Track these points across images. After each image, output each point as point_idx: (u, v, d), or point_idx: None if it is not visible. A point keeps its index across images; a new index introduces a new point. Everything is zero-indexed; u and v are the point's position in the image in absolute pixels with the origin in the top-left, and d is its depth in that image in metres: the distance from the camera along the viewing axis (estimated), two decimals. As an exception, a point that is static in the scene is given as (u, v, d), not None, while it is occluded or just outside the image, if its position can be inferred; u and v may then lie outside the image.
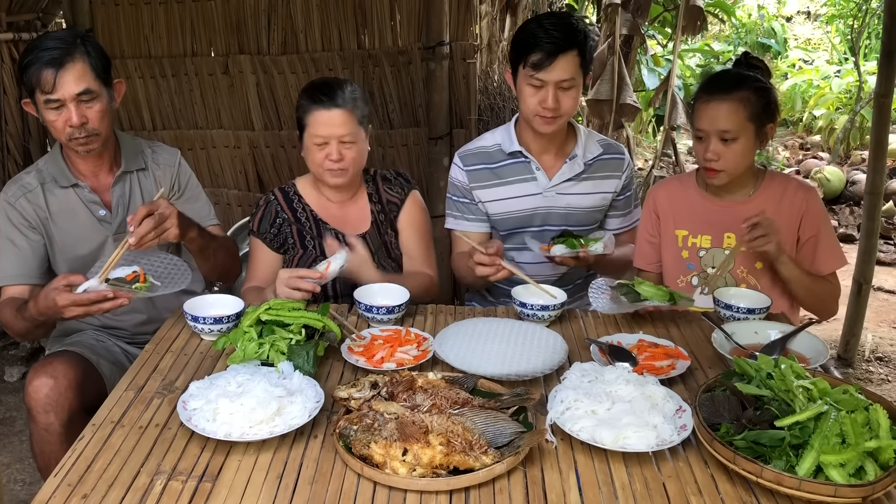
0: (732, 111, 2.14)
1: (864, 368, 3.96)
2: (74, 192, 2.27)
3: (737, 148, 2.16)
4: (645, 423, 1.49)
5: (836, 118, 8.10)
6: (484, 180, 2.46)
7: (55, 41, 2.09)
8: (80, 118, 2.10)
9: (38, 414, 2.02)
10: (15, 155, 4.06)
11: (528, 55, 2.24)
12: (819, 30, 10.90)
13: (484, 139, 2.53)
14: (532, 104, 2.29)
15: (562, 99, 2.28)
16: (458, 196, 2.51)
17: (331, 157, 2.23)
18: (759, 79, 2.19)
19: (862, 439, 1.35)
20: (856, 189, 6.44)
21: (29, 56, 2.09)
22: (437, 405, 1.55)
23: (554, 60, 2.22)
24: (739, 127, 2.14)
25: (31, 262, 2.24)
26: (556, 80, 2.24)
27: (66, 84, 2.07)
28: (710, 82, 2.23)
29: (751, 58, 2.29)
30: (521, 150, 2.43)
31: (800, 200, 2.26)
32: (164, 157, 2.42)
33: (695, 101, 2.25)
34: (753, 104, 2.15)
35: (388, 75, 3.99)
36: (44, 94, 2.08)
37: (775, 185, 2.29)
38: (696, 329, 2.06)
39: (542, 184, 2.44)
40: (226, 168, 4.29)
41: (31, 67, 2.08)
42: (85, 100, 2.10)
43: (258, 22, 4.03)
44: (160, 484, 1.41)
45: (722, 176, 2.21)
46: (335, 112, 2.22)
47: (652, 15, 5.35)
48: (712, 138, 2.17)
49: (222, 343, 1.84)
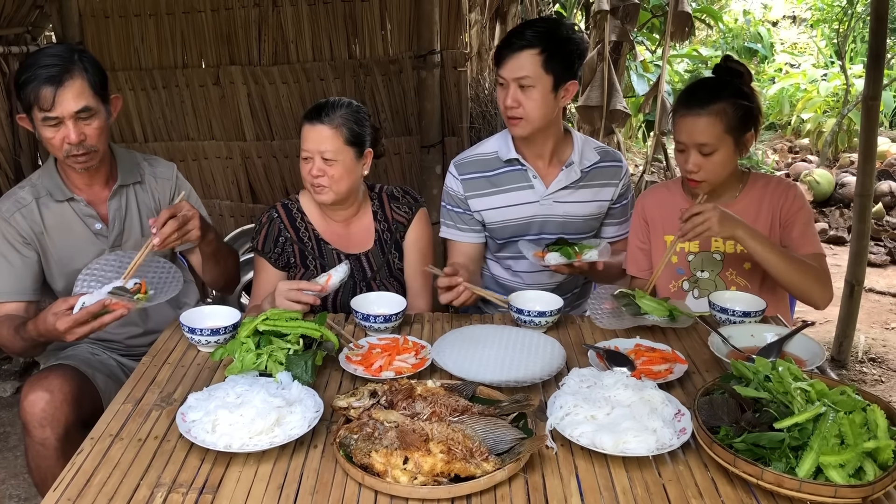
0: (710, 125, 2.14)
1: (857, 370, 3.98)
2: (70, 206, 2.26)
3: (716, 159, 2.17)
4: (644, 427, 1.49)
5: (823, 121, 8.17)
6: (479, 189, 2.46)
7: (53, 58, 2.08)
8: (79, 136, 2.09)
9: (34, 428, 2.00)
10: (6, 169, 4.04)
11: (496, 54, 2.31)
12: (804, 34, 11.00)
13: (480, 147, 2.53)
14: (500, 104, 2.34)
15: (521, 99, 2.28)
16: (452, 205, 2.51)
17: (311, 172, 2.24)
18: (738, 88, 2.18)
19: (861, 440, 1.36)
20: (845, 191, 6.48)
21: (27, 73, 2.07)
22: (436, 413, 1.55)
23: (510, 56, 2.26)
24: (717, 140, 2.15)
25: (26, 279, 2.22)
26: (512, 77, 2.27)
27: (64, 102, 2.06)
28: (687, 95, 2.22)
29: (731, 62, 2.28)
30: (518, 158, 2.43)
31: (779, 195, 2.27)
32: (162, 171, 2.42)
33: (673, 114, 2.26)
34: (730, 116, 2.14)
35: (380, 84, 4.01)
36: (42, 112, 2.06)
37: (758, 186, 2.30)
38: (693, 333, 2.07)
39: (539, 192, 2.45)
40: (218, 179, 4.29)
41: (30, 85, 2.06)
42: (83, 117, 2.10)
43: (249, 33, 4.04)
44: (161, 496, 1.40)
45: (704, 185, 2.22)
46: (319, 128, 2.23)
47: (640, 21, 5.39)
48: (692, 150, 2.18)
49: (220, 354, 1.84)
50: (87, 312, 1.85)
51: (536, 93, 2.27)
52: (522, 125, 2.32)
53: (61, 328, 1.86)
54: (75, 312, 1.85)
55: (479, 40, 4.77)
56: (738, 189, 2.31)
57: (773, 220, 2.27)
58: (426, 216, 2.46)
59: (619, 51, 4.71)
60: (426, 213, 2.46)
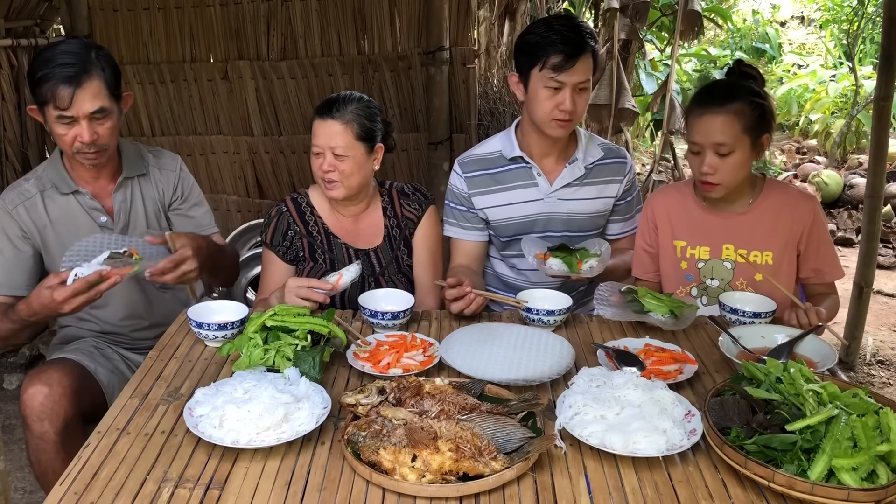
0: (727, 124, 2.11)
1: (865, 372, 3.96)
2: (75, 199, 2.25)
3: (733, 161, 2.13)
4: (654, 427, 1.48)
5: (832, 122, 8.14)
6: (483, 186, 2.45)
7: (70, 55, 2.06)
8: (92, 136, 2.09)
9: (33, 422, 2.00)
10: (13, 161, 4.05)
11: (546, 57, 2.23)
12: (813, 34, 10.95)
13: (484, 146, 2.51)
14: (548, 107, 2.27)
15: (577, 101, 2.27)
16: (455, 203, 2.50)
17: (322, 168, 2.24)
18: (754, 89, 2.16)
19: (873, 443, 1.34)
20: (853, 193, 6.46)
21: (43, 69, 2.05)
22: (445, 411, 1.54)
23: (575, 62, 2.21)
24: (735, 140, 2.11)
25: (16, 273, 2.20)
26: (575, 82, 2.23)
27: (81, 103, 2.04)
28: (703, 94, 2.20)
29: (744, 66, 2.25)
30: (522, 156, 2.42)
31: (802, 212, 2.23)
32: (166, 162, 2.41)
33: (688, 114, 2.22)
34: (748, 116, 2.11)
35: (388, 80, 4.00)
36: (57, 110, 2.05)
37: (774, 194, 2.26)
38: (703, 333, 2.06)
39: (543, 189, 2.43)
40: (225, 174, 4.29)
41: (47, 82, 2.03)
42: (98, 117, 2.09)
43: (257, 28, 4.03)
44: (167, 491, 1.39)
45: (719, 189, 2.18)
46: (329, 123, 2.22)
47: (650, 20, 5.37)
48: (708, 152, 2.14)
49: (227, 349, 1.83)
50: (84, 282, 1.84)
51: (588, 93, 2.31)
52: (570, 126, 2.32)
53: (59, 298, 1.84)
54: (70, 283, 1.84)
55: (487, 37, 4.76)
56: (752, 196, 2.26)
57: (790, 235, 2.23)
58: (436, 213, 2.45)
59: (629, 49, 4.70)
60: (436, 210, 2.45)
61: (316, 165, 2.26)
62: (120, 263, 1.90)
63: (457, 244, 2.52)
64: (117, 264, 1.90)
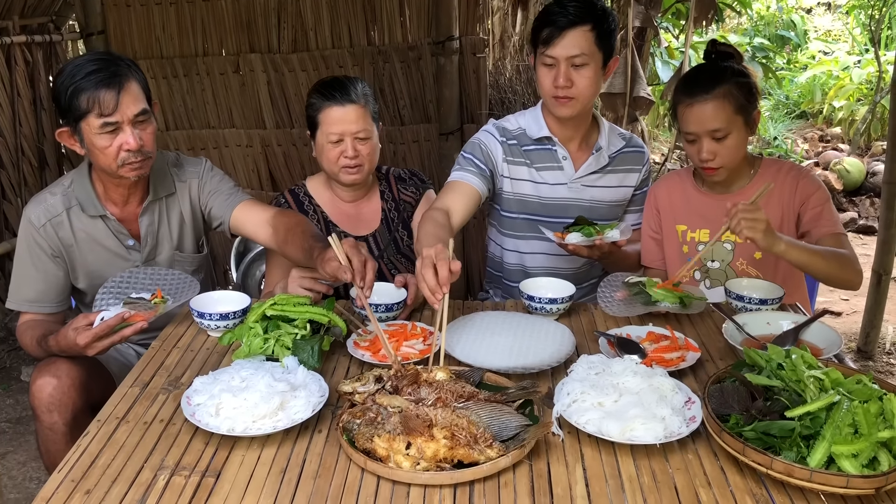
0: (719, 109, 2.10)
1: (884, 361, 3.89)
2: (102, 221, 2.22)
3: (730, 143, 2.13)
4: (653, 415, 1.46)
5: (856, 109, 7.99)
6: (518, 157, 2.39)
7: (100, 63, 2.02)
8: (138, 141, 2.05)
9: (42, 413, 2.01)
10: (29, 156, 4.10)
11: (538, 33, 2.21)
12: (839, 21, 10.76)
13: (508, 121, 2.44)
14: (547, 84, 2.24)
15: (574, 77, 2.21)
16: (474, 155, 2.35)
17: (346, 154, 2.22)
18: (735, 68, 2.14)
19: (875, 429, 1.31)
20: (876, 180, 6.34)
21: (76, 81, 1.99)
22: (441, 399, 1.53)
23: (562, 33, 2.17)
24: (729, 122, 2.11)
25: (49, 291, 2.21)
26: (566, 56, 2.18)
27: (127, 105, 2.01)
28: (688, 83, 2.17)
29: (720, 45, 2.22)
30: (551, 136, 2.36)
31: (791, 180, 2.21)
32: (190, 171, 2.33)
33: (676, 105, 2.20)
34: (737, 97, 2.11)
35: (399, 71, 3.98)
36: (101, 118, 2.00)
37: (771, 172, 2.25)
38: (707, 320, 2.03)
39: (568, 174, 2.39)
40: (238, 167, 4.30)
41: (84, 92, 1.99)
42: (141, 121, 2.06)
43: (268, 20, 4.03)
44: (163, 479, 1.40)
45: (721, 172, 2.19)
46: (349, 108, 2.20)
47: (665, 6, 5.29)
48: (704, 139, 2.13)
49: (228, 339, 1.84)
50: (106, 326, 1.85)
51: (590, 70, 2.21)
52: (573, 105, 2.25)
53: (81, 343, 1.86)
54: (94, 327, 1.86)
55: (501, 27, 4.73)
56: (749, 175, 2.26)
57: (787, 206, 2.21)
58: (433, 198, 2.43)
59: (643, 37, 4.64)
60: (434, 195, 2.44)
61: (334, 154, 2.23)
62: (141, 307, 1.91)
63: (455, 185, 2.31)
64: (138, 308, 1.91)
